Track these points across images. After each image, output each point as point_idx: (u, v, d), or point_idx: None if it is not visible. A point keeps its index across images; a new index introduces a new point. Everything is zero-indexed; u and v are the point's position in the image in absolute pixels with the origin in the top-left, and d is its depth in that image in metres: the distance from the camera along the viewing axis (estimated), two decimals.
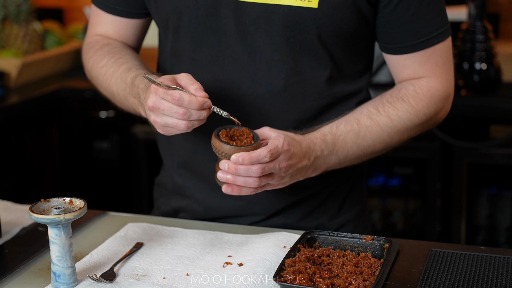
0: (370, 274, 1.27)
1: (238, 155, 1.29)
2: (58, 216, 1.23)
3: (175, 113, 1.31)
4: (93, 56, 1.60)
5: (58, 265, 1.27)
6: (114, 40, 1.64)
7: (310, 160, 1.39)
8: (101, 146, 3.29)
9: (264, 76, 1.47)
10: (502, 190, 2.97)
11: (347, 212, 1.63)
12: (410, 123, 1.49)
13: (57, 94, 3.16)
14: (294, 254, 1.32)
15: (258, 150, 1.30)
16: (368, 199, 3.00)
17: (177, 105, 1.30)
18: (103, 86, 1.58)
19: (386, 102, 1.48)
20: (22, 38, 3.22)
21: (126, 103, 1.51)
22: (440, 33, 1.48)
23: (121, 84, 1.50)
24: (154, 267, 1.35)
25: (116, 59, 1.55)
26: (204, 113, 1.32)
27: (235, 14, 1.44)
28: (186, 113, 1.31)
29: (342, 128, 1.44)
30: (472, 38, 2.80)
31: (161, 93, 1.31)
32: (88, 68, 1.63)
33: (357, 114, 1.47)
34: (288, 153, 1.33)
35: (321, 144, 1.41)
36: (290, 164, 1.34)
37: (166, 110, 1.31)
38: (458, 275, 1.30)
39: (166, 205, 1.68)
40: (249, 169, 1.29)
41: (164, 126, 1.34)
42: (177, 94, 1.30)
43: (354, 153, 1.46)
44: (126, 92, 1.48)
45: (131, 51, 1.62)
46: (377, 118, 1.46)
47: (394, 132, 1.48)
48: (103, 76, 1.56)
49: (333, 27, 1.43)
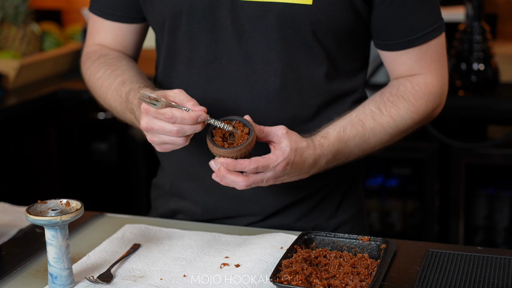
0: (367, 275, 1.27)
1: (223, 161, 1.31)
2: (55, 217, 1.23)
3: (169, 132, 1.31)
4: (90, 67, 1.61)
5: (55, 267, 1.27)
6: (112, 49, 1.63)
7: (309, 173, 1.41)
8: (99, 148, 3.29)
9: (261, 74, 1.47)
10: (500, 191, 2.97)
11: (344, 212, 1.63)
12: (411, 121, 1.50)
13: (55, 96, 3.16)
14: (291, 255, 1.32)
15: (245, 161, 1.31)
16: (366, 199, 3.01)
17: (170, 123, 1.31)
18: (101, 98, 1.58)
19: (387, 101, 1.49)
20: (20, 40, 3.22)
21: (124, 116, 1.52)
22: (434, 29, 1.49)
23: (117, 98, 1.51)
24: (151, 268, 1.35)
25: (112, 71, 1.55)
26: (199, 126, 1.32)
27: (231, 13, 1.45)
28: (180, 130, 1.31)
29: (349, 133, 1.45)
30: (469, 39, 2.80)
31: (153, 113, 1.32)
32: (86, 79, 1.63)
33: (361, 115, 1.47)
34: (282, 172, 1.34)
35: (328, 155, 1.42)
36: (279, 177, 1.36)
37: (160, 130, 1.32)
38: (455, 275, 1.30)
39: (163, 207, 1.68)
40: (233, 177, 1.32)
41: (161, 144, 1.35)
42: (168, 113, 1.30)
43: (355, 155, 1.48)
44: (122, 107, 1.49)
45: (127, 61, 1.61)
46: (380, 119, 1.47)
47: (396, 132, 1.49)
48: (99, 88, 1.57)
49: (328, 24, 1.44)
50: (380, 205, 3.10)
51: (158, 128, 1.31)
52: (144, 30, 1.67)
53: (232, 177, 1.32)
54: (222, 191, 1.53)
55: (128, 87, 1.48)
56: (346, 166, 1.58)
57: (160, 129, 1.31)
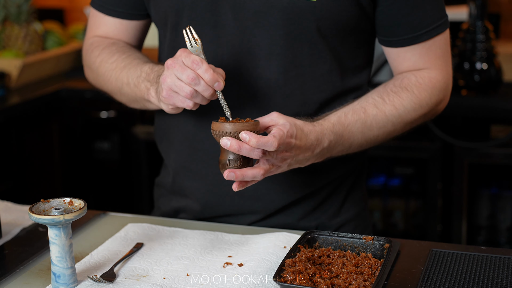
0: (370, 275, 1.27)
1: (248, 134, 1.28)
2: (58, 216, 1.23)
3: (186, 77, 1.32)
4: (100, 54, 1.60)
5: (58, 266, 1.26)
6: (117, 40, 1.64)
7: (314, 152, 1.38)
8: (101, 147, 3.29)
9: (263, 70, 1.47)
10: (503, 190, 2.97)
11: (348, 211, 1.63)
12: (414, 112, 1.50)
13: (57, 95, 3.16)
14: (294, 255, 1.32)
15: (267, 137, 1.29)
16: (369, 199, 3.00)
17: (191, 69, 1.32)
18: (110, 80, 1.58)
19: (390, 91, 1.49)
20: (23, 39, 3.23)
21: (136, 90, 1.51)
22: (438, 25, 1.49)
23: (135, 72, 1.51)
24: (154, 267, 1.35)
25: (128, 55, 1.57)
26: (211, 90, 1.33)
27: (234, 9, 1.45)
28: (195, 79, 1.32)
29: (350, 118, 1.44)
30: (472, 38, 2.80)
31: (185, 55, 1.33)
32: (95, 67, 1.63)
33: (363, 102, 1.47)
34: (289, 145, 1.33)
35: (330, 136, 1.41)
36: (287, 156, 1.34)
37: (179, 71, 1.33)
38: (459, 275, 1.30)
39: (166, 206, 1.68)
40: (251, 151, 1.29)
41: (170, 89, 1.35)
42: (197, 59, 1.32)
43: (358, 142, 1.47)
44: (140, 78, 1.49)
45: (137, 50, 1.63)
46: (383, 107, 1.47)
47: (399, 121, 1.49)
48: (112, 70, 1.57)
49: (332, 20, 1.44)
50: (383, 204, 3.09)
51: (179, 68, 1.33)
52: (145, 27, 1.67)
53: (250, 149, 1.28)
54: (224, 188, 1.53)
55: (153, 64, 1.50)
56: (350, 162, 1.58)
57: (180, 69, 1.33)
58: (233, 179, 1.30)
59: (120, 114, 3.16)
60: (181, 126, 1.57)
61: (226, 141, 1.28)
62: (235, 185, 1.32)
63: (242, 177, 1.30)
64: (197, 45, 1.35)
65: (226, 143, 1.28)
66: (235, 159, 1.32)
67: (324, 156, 1.43)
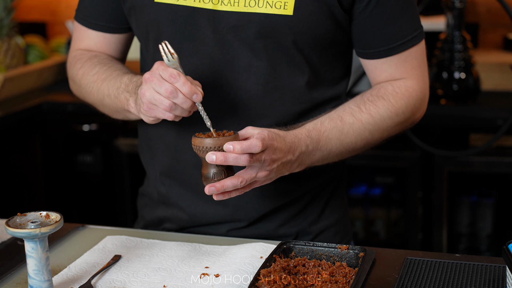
0: (345, 283, 1.28)
1: (230, 143, 1.30)
2: (34, 230, 1.23)
3: (164, 90, 1.34)
4: (82, 67, 1.62)
5: (35, 279, 1.27)
6: (100, 52, 1.66)
7: (294, 155, 1.40)
8: (84, 160, 3.29)
9: (243, 82, 1.49)
10: (482, 198, 2.99)
11: (328, 217, 1.64)
12: (390, 121, 1.52)
13: (40, 108, 3.17)
14: (269, 264, 1.33)
15: (250, 140, 1.31)
16: (351, 208, 3.02)
17: (169, 82, 1.34)
18: (92, 92, 1.60)
19: (367, 100, 1.51)
20: (5, 53, 3.22)
21: (116, 101, 1.52)
22: (414, 36, 1.52)
23: (115, 83, 1.53)
24: (131, 279, 1.36)
25: (109, 67, 1.59)
26: (189, 102, 1.35)
27: (213, 23, 1.47)
28: (173, 92, 1.34)
29: (327, 125, 1.46)
30: (450, 48, 2.83)
31: (162, 68, 1.35)
32: (78, 79, 1.64)
33: (340, 111, 1.49)
34: (272, 148, 1.34)
35: (306, 140, 1.43)
36: (274, 159, 1.35)
37: (158, 85, 1.35)
38: (433, 282, 1.31)
39: (151, 215, 1.69)
40: (238, 158, 1.30)
41: (150, 102, 1.37)
42: (174, 72, 1.34)
43: (337, 149, 1.48)
44: (120, 90, 1.50)
45: (119, 62, 1.65)
46: (359, 116, 1.49)
47: (375, 129, 1.51)
48: (94, 82, 1.58)
49: (309, 34, 1.46)
50: (364, 213, 3.11)
51: (157, 81, 1.35)
52: (128, 40, 1.69)
53: (236, 157, 1.30)
54: (207, 197, 1.54)
55: (132, 74, 1.52)
56: (330, 170, 1.60)
57: (158, 83, 1.35)
58: (214, 192, 1.32)
59: (102, 127, 3.16)
60: (164, 137, 1.58)
61: (212, 156, 1.30)
62: (215, 195, 1.34)
63: (223, 189, 1.32)
64: (173, 59, 1.37)
65: (212, 158, 1.30)
66: (219, 172, 1.34)
67: (305, 163, 1.44)
